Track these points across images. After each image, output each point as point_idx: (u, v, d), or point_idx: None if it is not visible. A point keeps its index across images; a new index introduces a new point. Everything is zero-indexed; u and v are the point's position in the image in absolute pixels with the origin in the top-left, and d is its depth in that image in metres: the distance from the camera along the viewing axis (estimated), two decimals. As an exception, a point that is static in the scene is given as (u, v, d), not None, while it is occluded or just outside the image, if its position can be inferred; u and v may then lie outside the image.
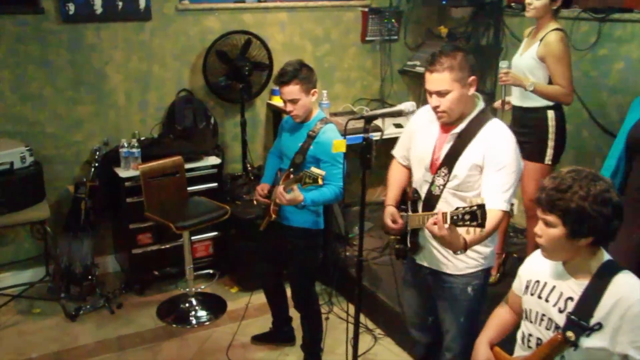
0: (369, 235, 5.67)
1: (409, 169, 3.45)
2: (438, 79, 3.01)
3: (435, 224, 2.81)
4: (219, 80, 5.60)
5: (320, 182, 3.46)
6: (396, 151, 3.56)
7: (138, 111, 5.56)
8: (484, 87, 5.83)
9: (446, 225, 2.77)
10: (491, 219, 2.91)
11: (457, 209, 2.73)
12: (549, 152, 4.44)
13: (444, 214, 2.77)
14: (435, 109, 3.08)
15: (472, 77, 3.01)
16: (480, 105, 3.12)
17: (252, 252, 5.10)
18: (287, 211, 4.01)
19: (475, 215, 2.65)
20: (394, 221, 3.27)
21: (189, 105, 5.58)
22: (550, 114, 4.42)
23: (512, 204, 3.02)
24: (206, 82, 5.64)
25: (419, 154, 3.27)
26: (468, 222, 2.67)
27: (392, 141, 5.86)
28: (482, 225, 2.65)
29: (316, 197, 3.78)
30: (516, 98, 4.55)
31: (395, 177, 3.50)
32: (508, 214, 3.08)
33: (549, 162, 4.46)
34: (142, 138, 5.44)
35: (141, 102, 5.55)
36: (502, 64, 4.36)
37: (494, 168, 2.98)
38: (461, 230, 2.79)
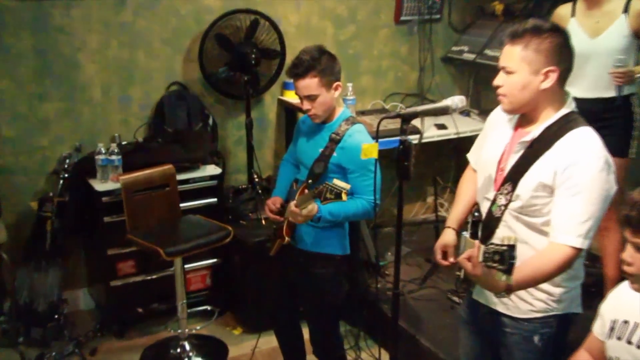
0: (406, 263, 5.66)
1: None
2: (507, 53, 2.99)
3: (469, 259, 2.79)
4: (219, 71, 5.61)
5: (344, 197, 3.47)
6: (471, 154, 3.51)
7: (118, 109, 5.57)
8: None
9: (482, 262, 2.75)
10: (555, 256, 2.87)
11: (489, 245, 2.70)
12: (634, 143, 4.60)
13: (479, 248, 2.75)
14: (496, 89, 3.04)
15: (550, 68, 2.93)
16: (568, 107, 3.05)
17: (260, 284, 5.09)
18: (303, 232, 4.00)
19: (503, 257, 2.61)
20: (445, 253, 3.24)
21: (182, 102, 5.59)
22: (635, 101, 4.60)
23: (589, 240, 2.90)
24: (203, 73, 5.65)
25: (484, 162, 3.24)
26: (496, 264, 2.64)
27: (433, 145, 5.89)
28: (508, 271, 2.61)
29: (336, 209, 3.77)
30: (588, 90, 4.55)
31: (465, 189, 3.45)
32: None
33: (633, 156, 4.62)
34: (124, 143, 5.45)
35: (122, 98, 5.56)
36: (618, 61, 4.43)
37: (567, 191, 2.88)
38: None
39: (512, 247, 2.59)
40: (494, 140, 3.19)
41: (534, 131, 3.00)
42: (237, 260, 5.36)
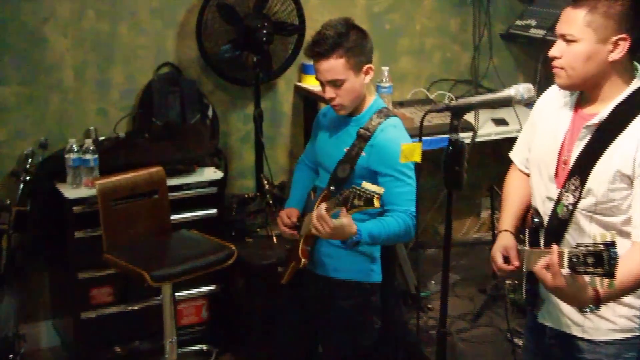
0: (455, 295, 5.68)
1: None
2: (568, 18, 3.04)
3: (547, 267, 2.79)
4: (222, 50, 5.62)
5: (376, 204, 3.43)
6: (515, 153, 3.59)
7: (95, 96, 5.58)
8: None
9: (564, 271, 2.74)
10: None
11: (577, 246, 2.71)
12: None
13: (560, 253, 2.75)
14: (552, 60, 3.10)
15: (621, 36, 2.97)
16: (639, 81, 3.09)
17: (270, 318, 5.06)
18: (324, 254, 4.00)
19: (601, 257, 2.61)
20: (506, 258, 3.25)
21: (175, 89, 5.60)
22: None
23: None
24: (202, 52, 5.66)
25: (539, 156, 3.29)
26: (592, 269, 2.65)
27: (490, 146, 5.85)
28: (610, 274, 2.61)
29: (377, 229, 3.75)
30: None
31: (513, 191, 3.52)
32: None
33: None
34: (101, 138, 5.46)
35: (100, 83, 5.58)
36: None
37: None
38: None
39: (611, 245, 2.60)
40: (550, 129, 3.25)
41: (602, 112, 3.06)
42: (240, 288, 5.37)
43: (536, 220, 3.25)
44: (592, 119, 3.06)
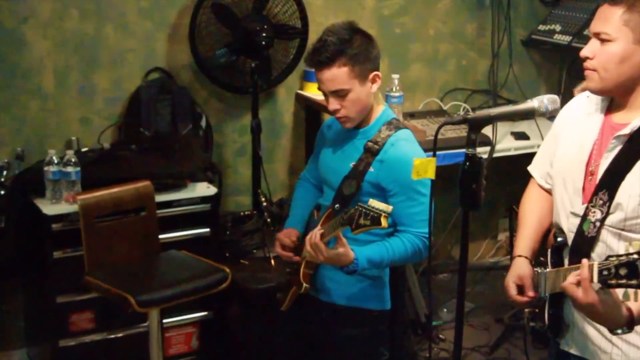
0: (469, 324, 5.67)
1: None
2: (603, 16, 3.06)
3: (577, 283, 2.79)
4: (217, 55, 5.63)
5: (383, 223, 3.41)
6: (535, 166, 3.59)
7: (78, 104, 5.59)
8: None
9: (595, 286, 2.75)
10: None
11: (608, 258, 2.72)
12: None
13: (590, 266, 2.75)
14: (584, 60, 3.11)
15: None
16: None
17: (267, 348, 5.05)
18: (327, 278, 4.00)
19: (635, 268, 2.62)
20: (520, 288, 3.25)
21: (165, 96, 5.62)
22: None
23: None
24: (195, 57, 5.67)
25: (564, 166, 3.29)
26: (625, 280, 2.65)
27: (509, 162, 5.84)
28: None
29: (379, 254, 3.75)
30: None
31: (531, 209, 3.51)
32: None
33: None
34: (84, 149, 5.47)
35: (83, 89, 5.59)
36: None
37: None
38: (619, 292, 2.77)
39: None
40: (576, 138, 3.25)
41: (634, 121, 3.06)
42: (235, 314, 5.36)
43: (560, 239, 3.24)
44: (623, 129, 3.07)
